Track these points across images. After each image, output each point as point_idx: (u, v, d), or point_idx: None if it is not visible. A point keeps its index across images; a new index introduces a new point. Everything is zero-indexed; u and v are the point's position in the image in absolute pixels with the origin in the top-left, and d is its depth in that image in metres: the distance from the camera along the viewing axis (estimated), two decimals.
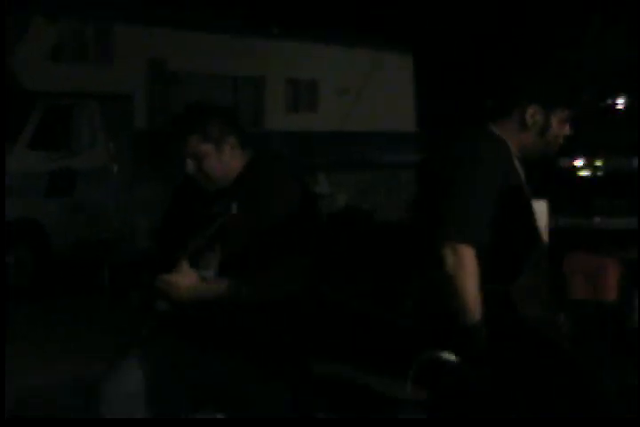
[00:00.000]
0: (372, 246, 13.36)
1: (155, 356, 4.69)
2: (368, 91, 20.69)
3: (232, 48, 19.75)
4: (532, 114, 4.70)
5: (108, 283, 8.50)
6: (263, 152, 4.84)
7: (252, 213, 4.48)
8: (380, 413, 7.11)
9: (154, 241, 5.03)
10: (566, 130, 4.75)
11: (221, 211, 4.46)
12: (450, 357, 4.11)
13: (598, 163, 13.85)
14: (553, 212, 9.67)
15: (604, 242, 10.28)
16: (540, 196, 9.14)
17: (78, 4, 17.69)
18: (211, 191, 4.67)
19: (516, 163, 4.78)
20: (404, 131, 20.69)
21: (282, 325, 4.66)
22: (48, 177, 11.96)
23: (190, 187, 4.76)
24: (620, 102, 12.75)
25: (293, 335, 4.77)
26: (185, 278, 4.44)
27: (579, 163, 13.69)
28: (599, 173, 13.85)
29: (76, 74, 16.72)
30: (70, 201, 12.26)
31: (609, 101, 13.54)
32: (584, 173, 13.63)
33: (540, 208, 8.34)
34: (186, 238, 4.55)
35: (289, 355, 4.74)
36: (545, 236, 5.63)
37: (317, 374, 7.25)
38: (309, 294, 4.74)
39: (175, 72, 18.71)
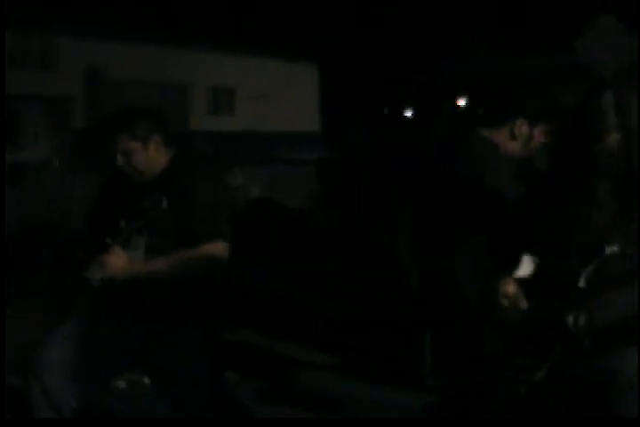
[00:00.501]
0: (281, 232, 13.59)
1: (87, 324, 4.70)
2: (278, 97, 20.95)
3: (162, 59, 19.97)
4: (520, 126, 4.81)
5: (47, 261, 8.57)
6: (186, 150, 4.85)
7: (178, 203, 4.49)
8: (283, 375, 7.39)
9: (86, 224, 5.08)
10: (544, 139, 4.83)
11: (153, 205, 4.47)
12: None
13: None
14: None
15: None
16: None
17: (27, 17, 17.84)
18: (139, 182, 4.66)
19: (505, 165, 4.86)
20: (310, 131, 20.95)
21: (199, 297, 4.68)
22: None
23: (121, 178, 4.73)
24: None
25: (209, 307, 4.79)
26: (117, 258, 4.47)
27: None
28: None
29: (22, 79, 16.96)
30: (18, 188, 12.41)
31: None
32: None
33: None
34: (117, 223, 4.57)
35: (204, 324, 4.76)
36: None
37: (229, 340, 7.64)
38: (225, 272, 4.75)
39: (111, 79, 18.97)
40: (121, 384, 5.45)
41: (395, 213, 9.72)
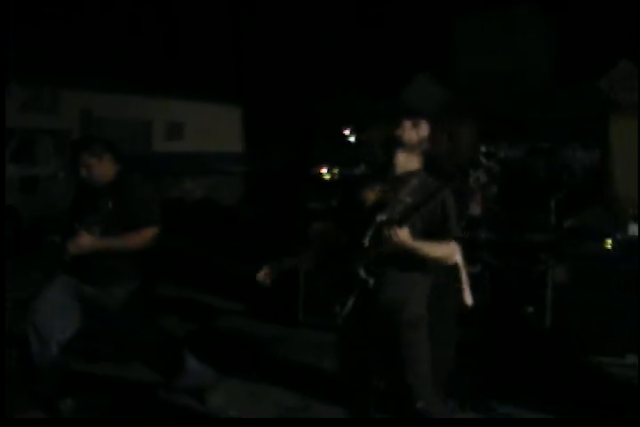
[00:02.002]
0: (220, 222, 13.57)
1: (64, 283, 4.71)
2: (215, 128, 20.99)
3: (133, 103, 20.01)
4: None
5: (51, 244, 8.41)
6: (128, 169, 4.75)
7: (122, 202, 4.53)
8: (207, 319, 7.36)
9: (66, 216, 4.85)
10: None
11: (104, 204, 4.51)
12: None
13: (335, 171, 13.32)
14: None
15: None
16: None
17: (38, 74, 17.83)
18: (95, 188, 4.65)
19: None
20: (237, 151, 21.02)
21: (142, 267, 4.72)
22: (20, 180, 12.11)
23: (84, 184, 4.72)
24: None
25: (150, 273, 4.80)
26: (83, 239, 4.48)
27: (324, 171, 13.34)
28: (335, 178, 13.29)
29: (37, 118, 17.00)
30: (33, 194, 12.41)
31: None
32: (326, 177, 13.34)
33: None
34: (83, 216, 4.59)
35: (146, 286, 4.75)
36: None
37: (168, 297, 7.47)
38: (163, 248, 4.76)
39: (98, 117, 19.03)
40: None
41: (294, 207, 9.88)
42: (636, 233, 6.18)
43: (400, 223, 3.51)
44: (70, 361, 4.91)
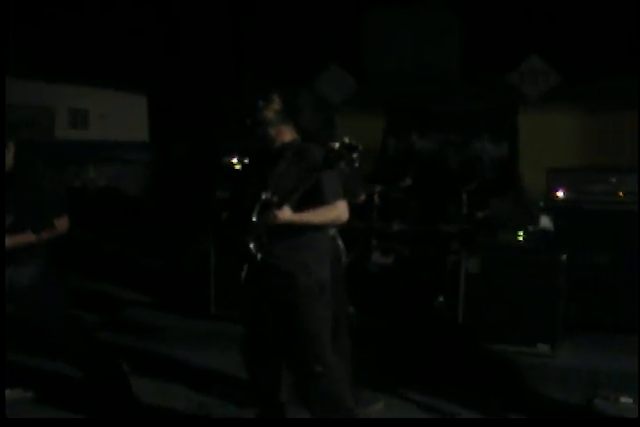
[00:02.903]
0: (123, 212, 13.39)
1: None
2: (119, 116, 20.59)
3: (34, 89, 19.41)
4: None
5: None
6: (26, 156, 4.60)
7: (27, 190, 4.47)
8: (116, 309, 7.26)
9: None
10: None
11: (10, 195, 4.45)
12: None
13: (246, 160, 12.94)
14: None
15: None
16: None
17: None
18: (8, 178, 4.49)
19: None
20: (141, 140, 20.72)
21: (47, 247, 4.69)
22: None
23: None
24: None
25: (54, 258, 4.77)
26: None
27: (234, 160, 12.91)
28: None
29: None
30: None
31: None
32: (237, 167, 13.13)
33: None
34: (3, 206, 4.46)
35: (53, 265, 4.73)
36: None
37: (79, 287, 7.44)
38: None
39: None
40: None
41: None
42: (547, 225, 6.26)
43: (280, 205, 3.67)
44: None
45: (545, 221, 6.30)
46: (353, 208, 4.05)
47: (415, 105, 8.18)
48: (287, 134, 3.98)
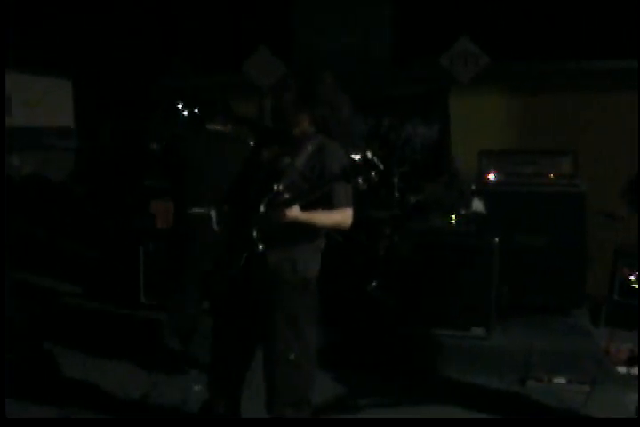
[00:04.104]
0: (50, 200, 13.12)
1: None
2: (44, 102, 20.19)
3: None
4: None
5: None
6: None
7: None
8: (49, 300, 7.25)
9: None
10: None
11: None
12: None
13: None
14: None
15: None
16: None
17: None
18: None
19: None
20: (67, 126, 20.36)
21: None
22: None
23: None
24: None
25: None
26: None
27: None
28: None
29: None
30: None
31: None
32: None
33: None
34: None
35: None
36: None
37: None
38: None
39: None
40: None
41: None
42: (479, 208, 6.31)
43: (289, 204, 3.62)
44: None
45: (477, 204, 6.35)
46: None
47: (346, 89, 8.12)
48: (305, 124, 3.84)
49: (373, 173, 3.49)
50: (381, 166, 3.53)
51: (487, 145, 7.22)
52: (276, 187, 3.71)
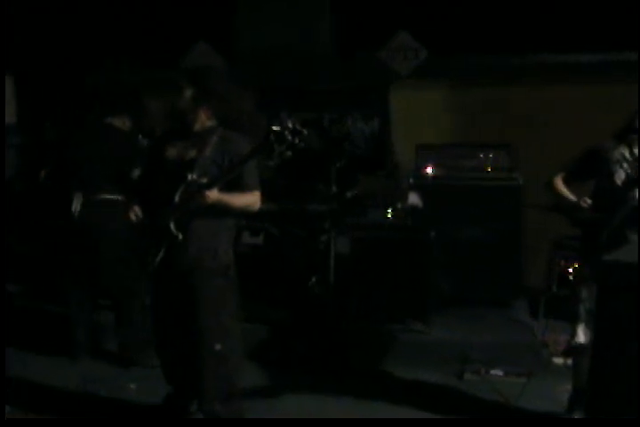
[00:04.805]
0: None
1: None
2: None
3: None
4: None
5: None
6: None
7: None
8: None
9: None
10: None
11: None
12: None
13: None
14: None
15: None
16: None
17: None
18: None
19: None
20: (10, 122, 20.13)
21: None
22: None
23: None
24: None
25: None
26: None
27: None
28: None
29: None
30: None
31: None
32: None
33: None
34: None
35: None
36: None
37: None
38: None
39: None
40: None
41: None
42: (416, 201, 6.33)
43: (210, 186, 3.75)
44: None
45: (413, 198, 6.37)
46: None
47: (287, 83, 8.10)
48: (204, 118, 4.00)
49: (297, 141, 3.62)
50: (305, 132, 3.64)
51: (427, 139, 7.25)
52: (190, 176, 3.82)
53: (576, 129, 6.74)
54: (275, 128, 3.62)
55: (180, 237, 3.85)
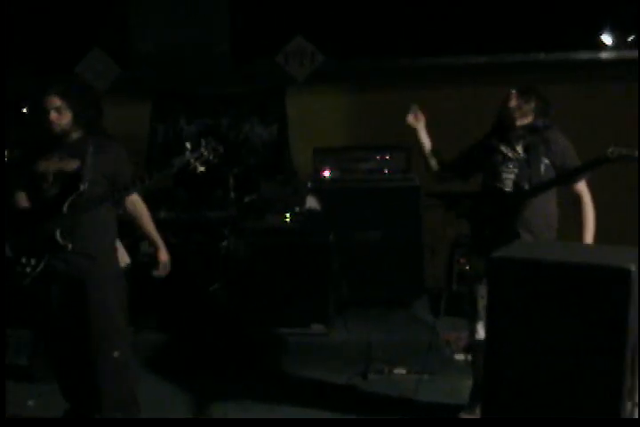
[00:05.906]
0: None
1: None
2: None
3: None
4: None
5: None
6: None
7: None
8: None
9: None
10: None
11: None
12: None
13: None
14: None
15: None
16: None
17: None
18: None
19: None
20: None
21: None
22: None
23: None
24: None
25: None
26: None
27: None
28: None
29: None
30: None
31: None
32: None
33: None
34: None
35: None
36: None
37: None
38: None
39: None
40: None
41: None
42: (313, 205, 6.35)
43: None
44: None
45: (311, 202, 6.38)
46: None
47: (183, 89, 8.05)
48: (74, 128, 3.98)
49: (212, 158, 3.79)
50: (221, 150, 3.79)
51: (325, 143, 7.26)
52: (82, 187, 3.83)
53: (463, 129, 6.88)
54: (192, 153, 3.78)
55: (70, 246, 3.83)
